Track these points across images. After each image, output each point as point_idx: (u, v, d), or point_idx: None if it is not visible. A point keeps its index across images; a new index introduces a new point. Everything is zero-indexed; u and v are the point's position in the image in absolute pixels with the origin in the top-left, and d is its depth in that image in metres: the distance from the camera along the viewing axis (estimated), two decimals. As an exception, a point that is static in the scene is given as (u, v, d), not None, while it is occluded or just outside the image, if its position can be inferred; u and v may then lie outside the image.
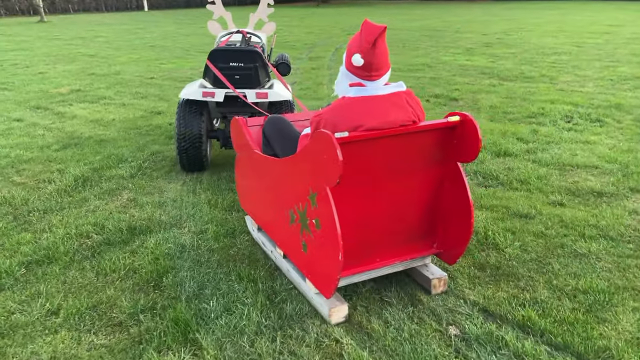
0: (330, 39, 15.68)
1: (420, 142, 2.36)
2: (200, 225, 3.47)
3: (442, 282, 2.66)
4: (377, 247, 2.52)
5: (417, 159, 2.40)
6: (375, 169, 2.32)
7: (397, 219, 2.50)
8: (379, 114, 2.23)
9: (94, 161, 4.71)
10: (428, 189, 2.52)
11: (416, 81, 8.43)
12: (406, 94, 2.36)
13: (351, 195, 2.31)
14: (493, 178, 4.22)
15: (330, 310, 2.40)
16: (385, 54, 2.29)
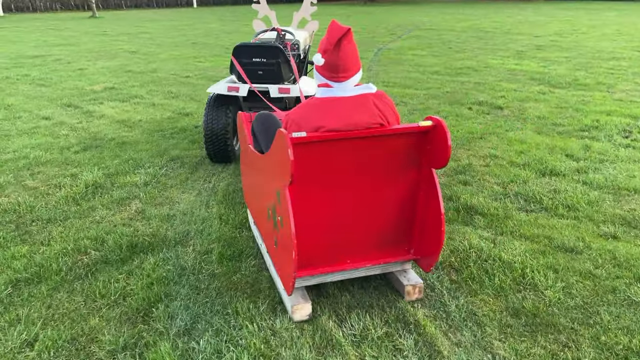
0: (374, 38, 15.27)
1: (391, 146, 2.34)
2: (206, 245, 3.19)
3: (416, 290, 2.61)
4: (347, 248, 2.53)
5: (388, 162, 2.38)
6: (343, 170, 2.33)
7: (368, 222, 2.49)
8: (342, 116, 2.23)
9: (110, 166, 4.52)
10: (402, 194, 2.50)
11: (460, 86, 7.95)
12: (375, 96, 2.32)
13: (318, 195, 2.35)
14: (536, 201, 3.77)
15: (293, 307, 2.44)
16: (351, 55, 2.26)
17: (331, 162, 2.30)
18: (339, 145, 2.27)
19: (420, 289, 2.62)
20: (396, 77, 8.77)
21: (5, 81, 8.56)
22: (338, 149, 2.28)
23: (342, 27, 2.21)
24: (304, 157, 2.22)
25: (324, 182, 2.34)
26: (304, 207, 2.31)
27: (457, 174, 4.35)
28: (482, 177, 4.26)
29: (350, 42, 2.26)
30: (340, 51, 2.22)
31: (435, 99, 7.12)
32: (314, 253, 2.44)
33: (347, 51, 2.24)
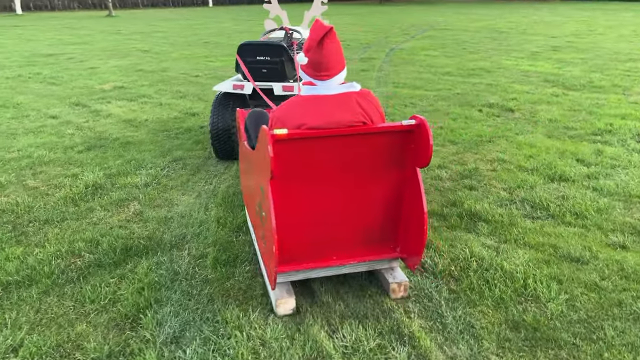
0: (387, 38, 15.15)
1: (375, 144, 2.35)
2: (202, 249, 3.14)
3: (402, 288, 2.62)
4: (333, 245, 2.55)
5: (372, 160, 2.39)
6: (327, 167, 2.35)
7: (354, 219, 2.51)
8: (324, 114, 2.26)
9: (112, 166, 4.49)
10: (387, 192, 2.50)
11: (471, 87, 7.82)
12: (358, 94, 2.33)
13: (302, 191, 2.38)
14: (543, 208, 3.66)
15: (277, 301, 2.48)
16: (334, 54, 2.28)
17: (315, 159, 2.32)
18: (322, 142, 2.29)
19: (405, 287, 2.62)
20: (407, 78, 8.66)
21: (17, 79, 8.62)
22: (321, 146, 2.30)
23: (324, 26, 2.24)
24: (287, 154, 2.26)
25: (308, 179, 2.37)
26: (289, 203, 2.36)
27: (463, 178, 4.25)
28: (489, 182, 4.15)
29: (333, 40, 2.28)
30: (323, 50, 2.25)
31: (444, 100, 7.00)
32: (299, 249, 2.49)
33: (330, 50, 2.26)
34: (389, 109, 6.48)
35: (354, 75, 8.95)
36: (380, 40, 14.59)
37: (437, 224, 3.44)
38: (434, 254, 3.06)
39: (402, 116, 6.18)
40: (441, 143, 5.16)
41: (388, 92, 7.53)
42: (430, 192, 3.98)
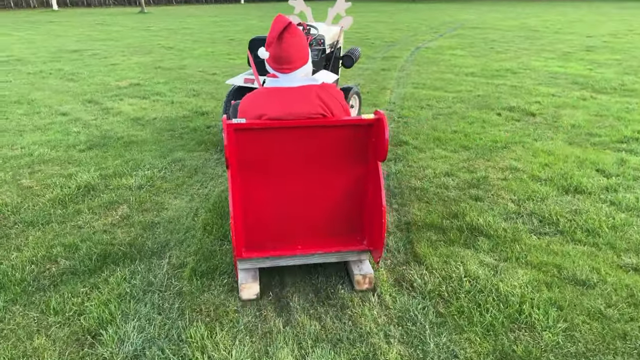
0: (414, 37, 14.83)
1: (336, 137, 2.40)
2: (182, 257, 3.01)
3: (366, 280, 2.65)
4: (298, 234, 2.62)
5: (334, 153, 2.44)
6: (288, 158, 2.42)
7: (317, 210, 2.56)
8: (284, 105, 2.31)
9: (109, 166, 4.42)
10: (351, 185, 2.54)
11: (493, 89, 7.51)
12: (319, 87, 2.37)
13: (265, 180, 2.47)
14: (552, 223, 3.40)
15: (241, 286, 2.57)
16: (294, 47, 2.34)
17: (276, 149, 2.40)
18: (282, 133, 2.36)
19: (370, 280, 2.65)
20: (427, 78, 8.39)
21: (37, 75, 8.70)
22: (281, 137, 2.36)
23: (284, 21, 2.30)
24: (248, 143, 2.36)
25: (271, 168, 2.45)
26: (253, 191, 2.47)
27: (470, 187, 4.01)
28: (497, 192, 3.91)
29: (294, 35, 2.34)
30: (282, 43, 2.31)
31: (463, 102, 6.72)
32: (264, 236, 2.60)
33: (290, 43, 2.32)
34: (404, 111, 6.25)
35: (373, 75, 8.74)
36: (406, 39, 14.29)
37: (435, 238, 3.23)
38: (425, 271, 2.85)
39: (416, 119, 5.95)
40: (453, 149, 4.92)
41: (406, 93, 7.29)
42: (433, 202, 3.76)
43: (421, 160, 4.62)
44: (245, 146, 2.37)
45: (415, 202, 3.76)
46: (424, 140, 5.17)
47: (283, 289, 2.72)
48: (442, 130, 5.50)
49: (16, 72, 9.01)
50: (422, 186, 4.04)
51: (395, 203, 3.76)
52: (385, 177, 4.25)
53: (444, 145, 5.03)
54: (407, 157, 4.68)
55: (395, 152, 4.84)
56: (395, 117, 6.08)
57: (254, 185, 2.47)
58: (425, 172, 4.32)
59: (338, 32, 5.30)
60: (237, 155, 2.38)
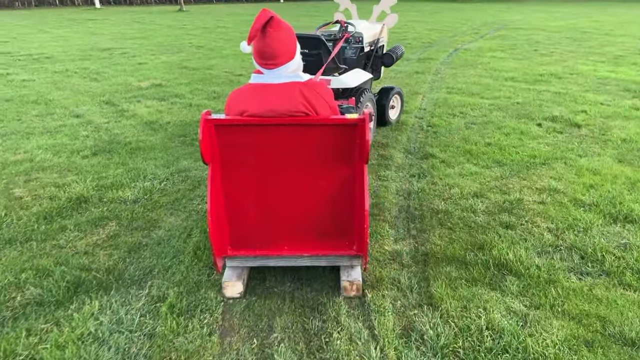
0: (453, 37, 14.21)
1: (321, 137, 2.33)
2: (164, 288, 2.66)
3: (354, 287, 2.58)
4: (284, 235, 2.56)
5: (319, 153, 2.37)
6: (272, 155, 2.36)
7: (303, 211, 2.50)
8: (265, 102, 2.26)
9: (109, 176, 4.13)
10: (337, 187, 2.45)
11: (535, 96, 6.92)
12: (303, 85, 2.30)
13: (249, 177, 2.42)
14: (596, 261, 2.90)
15: (223, 283, 2.58)
16: (279, 43, 2.25)
17: (258, 146, 2.35)
18: (262, 130, 2.30)
19: (357, 287, 2.58)
20: (464, 83, 7.85)
21: (62, 74, 8.59)
22: (262, 134, 2.31)
23: (266, 14, 2.20)
24: (228, 140, 2.33)
25: (255, 166, 2.39)
26: (237, 187, 2.44)
27: (501, 211, 3.53)
28: (532, 218, 3.41)
29: (278, 29, 2.25)
30: (266, 38, 2.23)
31: (500, 110, 6.18)
32: (250, 234, 2.56)
33: (273, 38, 2.23)
34: (434, 119, 5.77)
35: (406, 78, 8.25)
36: (445, 40, 13.69)
37: (456, 274, 2.78)
38: (440, 320, 2.41)
39: (446, 128, 5.46)
40: (485, 164, 4.42)
41: (438, 99, 6.79)
42: (457, 228, 3.30)
43: (448, 177, 4.15)
44: (227, 142, 2.34)
45: (436, 228, 3.31)
46: (454, 154, 4.69)
47: (269, 336, 2.34)
48: (474, 142, 5.00)
49: (42, 70, 8.94)
50: (446, 209, 3.58)
51: (413, 228, 3.32)
52: (405, 196, 3.81)
53: (475, 159, 4.54)
54: (433, 173, 4.22)
55: (420, 167, 4.39)
56: (424, 125, 5.61)
57: (237, 183, 2.44)
58: (452, 192, 3.86)
59: (379, 30, 5.15)
60: (219, 151, 2.35)
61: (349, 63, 4.78)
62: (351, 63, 4.80)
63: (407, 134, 5.34)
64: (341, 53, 4.78)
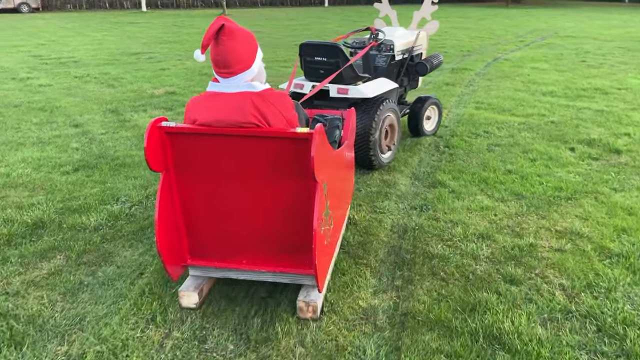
0: (495, 46, 13.46)
1: (273, 150, 2.24)
2: (86, 346, 2.28)
3: (310, 309, 2.45)
4: (242, 248, 2.50)
5: (272, 167, 2.29)
6: (225, 167, 2.31)
7: (260, 226, 2.43)
8: (215, 111, 2.21)
9: (80, 196, 3.81)
10: (292, 203, 2.35)
11: (573, 114, 6.24)
12: (257, 95, 2.21)
13: (204, 187, 2.37)
14: (615, 336, 2.33)
15: (180, 292, 2.53)
16: (231, 51, 2.18)
17: (211, 156, 2.30)
18: (213, 140, 2.25)
19: (314, 309, 2.45)
20: (496, 97, 7.23)
21: (81, 79, 8.47)
22: (213, 144, 2.26)
23: (219, 22, 2.14)
24: (182, 147, 2.28)
25: (210, 176, 2.34)
26: (194, 196, 2.40)
27: (507, 260, 2.98)
28: (543, 271, 2.86)
29: (232, 37, 2.17)
30: (219, 46, 2.17)
31: (531, 130, 5.56)
32: (209, 245, 2.52)
33: (227, 47, 2.17)
34: (453, 139, 5.22)
35: (434, 90, 7.69)
36: (486, 48, 12.97)
37: (435, 346, 2.28)
38: (399, 414, 1.92)
39: (466, 150, 4.91)
40: (501, 196, 3.87)
41: (464, 115, 6.21)
42: (452, 280, 2.79)
43: (454, 211, 3.62)
44: (181, 151, 2.29)
45: (426, 279, 2.81)
46: (467, 182, 4.14)
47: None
48: (493, 168, 4.43)
49: (64, 74, 8.85)
50: (443, 253, 3.07)
51: (399, 277, 2.83)
52: (400, 234, 3.31)
53: (491, 190, 3.99)
54: (437, 206, 3.70)
55: (425, 197, 3.87)
56: (441, 145, 5.07)
57: (194, 192, 2.39)
58: (454, 231, 3.34)
59: (414, 38, 5.01)
60: (173, 159, 2.31)
61: (379, 71, 4.71)
62: (382, 71, 4.71)
63: (420, 155, 4.82)
64: (371, 61, 4.72)
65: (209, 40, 2.14)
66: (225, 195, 2.38)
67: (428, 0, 5.05)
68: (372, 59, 4.79)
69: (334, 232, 2.66)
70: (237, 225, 2.44)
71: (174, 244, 2.46)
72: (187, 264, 2.56)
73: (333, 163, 2.60)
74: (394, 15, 5.30)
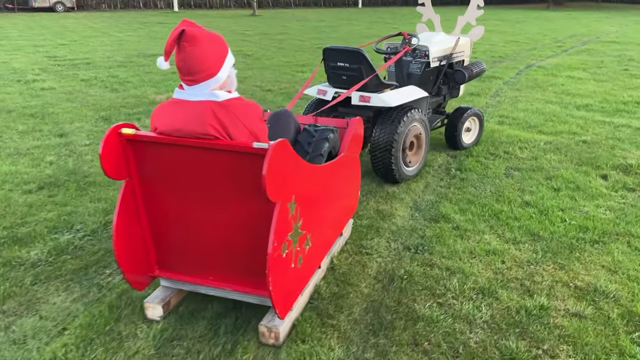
0: (531, 51, 12.66)
1: (232, 164, 2.10)
2: None
3: (272, 334, 2.28)
4: (208, 264, 2.40)
5: (232, 182, 2.15)
6: (185, 179, 2.22)
7: (223, 243, 2.30)
8: (173, 120, 2.12)
9: (32, 222, 3.41)
10: (252, 221, 2.19)
11: (610, 133, 5.55)
12: (218, 105, 2.07)
13: (165, 197, 2.30)
14: None
15: (145, 303, 2.47)
16: (193, 58, 2.05)
17: (172, 166, 2.21)
18: (172, 150, 2.15)
19: (276, 335, 2.29)
20: (523, 110, 6.56)
21: (86, 82, 8.18)
22: (173, 154, 2.16)
23: (179, 27, 2.02)
24: (143, 156, 2.22)
25: (172, 186, 2.26)
26: (159, 207, 2.33)
27: (510, 327, 2.41)
28: (554, 347, 2.28)
29: (194, 43, 2.04)
30: (180, 53, 2.06)
31: (558, 152, 4.91)
32: (176, 257, 2.45)
33: (188, 53, 2.05)
34: (468, 161, 4.62)
35: (455, 101, 7.05)
36: (520, 54, 12.19)
37: None
38: None
39: (480, 175, 4.31)
40: (512, 236, 3.28)
41: (484, 131, 5.59)
42: (437, 351, 2.27)
43: (454, 255, 3.06)
44: (143, 159, 2.23)
45: (404, 351, 2.27)
46: (475, 216, 3.57)
47: None
48: (508, 199, 3.83)
49: (71, 77, 8.59)
50: (432, 315, 2.51)
51: (372, 347, 2.30)
52: (384, 285, 2.77)
53: (502, 227, 3.40)
54: (435, 247, 3.14)
55: (423, 234, 3.32)
56: (453, 168, 4.49)
57: (159, 202, 2.32)
58: (450, 283, 2.78)
59: (453, 44, 4.72)
60: (136, 167, 2.25)
61: (413, 79, 4.52)
62: (415, 79, 4.52)
63: (427, 179, 4.26)
64: (404, 67, 4.53)
65: (170, 47, 2.02)
66: (189, 208, 2.28)
67: (474, 4, 4.83)
68: (406, 65, 4.60)
69: (313, 253, 2.49)
70: (202, 240, 2.35)
71: (139, 253, 2.38)
72: (155, 275, 2.48)
73: (309, 179, 2.36)
74: (437, 20, 5.05)
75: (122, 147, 2.18)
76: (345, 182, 2.97)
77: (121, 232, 2.26)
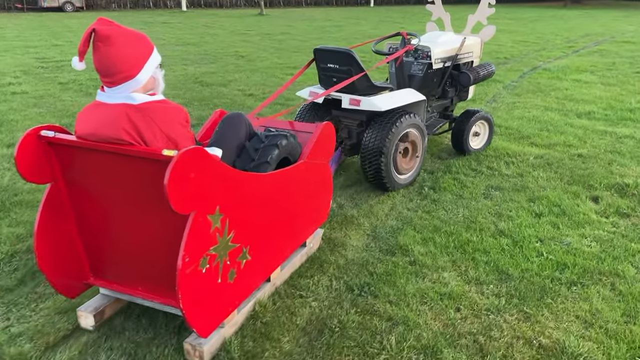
0: (539, 52, 12.06)
1: (144, 172, 2.00)
2: None
3: (197, 353, 2.18)
4: (136, 275, 2.30)
5: (144, 190, 2.04)
6: (102, 183, 2.16)
7: (145, 253, 2.21)
8: (89, 123, 2.06)
9: None
10: (170, 233, 2.04)
11: (610, 145, 5.03)
12: (134, 109, 1.99)
13: (90, 202, 2.23)
14: None
15: (78, 312, 2.41)
16: (108, 59, 1.97)
17: (92, 171, 2.14)
18: (90, 155, 2.09)
19: (200, 354, 2.16)
20: (518, 118, 6.05)
21: (63, 86, 7.85)
22: (91, 159, 2.10)
23: (91, 27, 1.95)
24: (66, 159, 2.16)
25: (96, 191, 2.19)
26: (85, 212, 2.26)
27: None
28: None
29: (108, 43, 1.96)
30: (95, 53, 1.97)
31: (548, 168, 4.41)
32: (106, 265, 2.37)
33: (103, 53, 1.96)
34: (444, 179, 4.15)
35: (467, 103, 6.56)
36: (526, 55, 11.60)
37: None
38: None
39: (455, 195, 3.84)
40: (476, 276, 2.82)
41: (470, 143, 5.11)
42: None
43: (402, 300, 2.60)
44: (66, 163, 2.16)
45: None
46: (438, 248, 3.11)
47: None
48: (480, 226, 3.37)
49: (49, 80, 8.27)
50: (355, 383, 2.06)
51: None
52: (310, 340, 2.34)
53: (467, 262, 2.94)
54: (381, 289, 2.69)
55: (373, 270, 2.87)
56: (426, 186, 4.02)
57: (85, 207, 2.22)
58: (386, 340, 2.33)
59: (459, 45, 4.52)
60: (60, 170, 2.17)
61: (414, 81, 4.34)
62: (417, 81, 4.34)
63: (395, 199, 3.81)
64: (405, 69, 4.33)
65: (83, 46, 1.94)
66: (112, 216, 2.21)
67: (485, 3, 4.65)
68: (407, 67, 4.42)
69: (255, 267, 2.35)
70: (128, 250, 2.27)
71: (67, 258, 2.30)
72: (90, 283, 2.42)
73: (243, 189, 2.20)
74: (447, 19, 4.91)
75: (44, 150, 2.10)
76: (307, 191, 2.79)
77: (44, 235, 2.19)
